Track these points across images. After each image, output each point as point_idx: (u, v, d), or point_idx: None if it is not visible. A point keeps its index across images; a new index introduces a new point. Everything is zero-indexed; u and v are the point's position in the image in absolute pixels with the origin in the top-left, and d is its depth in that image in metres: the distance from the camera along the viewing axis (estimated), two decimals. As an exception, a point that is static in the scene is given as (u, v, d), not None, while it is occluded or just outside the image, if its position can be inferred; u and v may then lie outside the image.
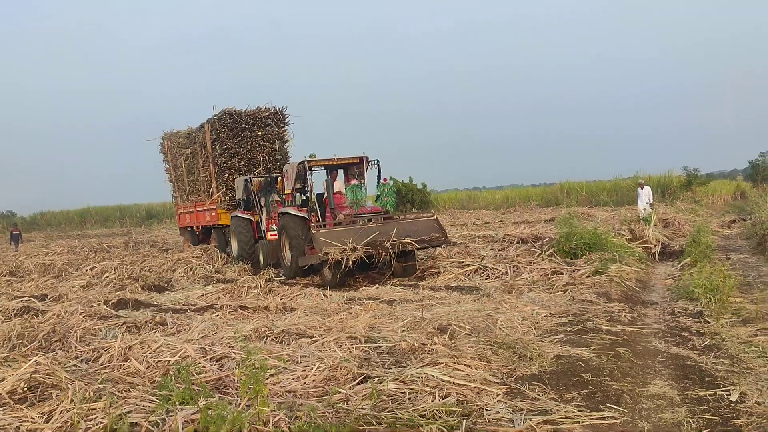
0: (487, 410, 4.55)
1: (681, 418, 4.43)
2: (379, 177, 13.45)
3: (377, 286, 11.30)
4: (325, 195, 13.25)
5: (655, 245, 14.96)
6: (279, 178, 15.13)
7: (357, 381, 5.23)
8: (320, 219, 12.46)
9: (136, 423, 4.52)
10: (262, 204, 15.30)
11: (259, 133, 17.52)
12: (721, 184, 45.27)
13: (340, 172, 14.07)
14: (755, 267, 12.25)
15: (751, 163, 46.92)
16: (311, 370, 5.63)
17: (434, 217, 13.00)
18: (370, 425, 4.17)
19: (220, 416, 4.06)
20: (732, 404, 4.60)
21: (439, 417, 4.32)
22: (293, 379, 5.52)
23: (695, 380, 5.24)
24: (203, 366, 6.02)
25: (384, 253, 11.19)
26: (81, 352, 7.07)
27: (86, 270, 16.73)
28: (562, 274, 10.84)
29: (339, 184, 13.79)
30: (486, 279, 11.52)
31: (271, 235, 14.64)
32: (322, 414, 4.41)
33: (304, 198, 13.34)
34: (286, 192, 13.67)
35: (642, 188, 22.39)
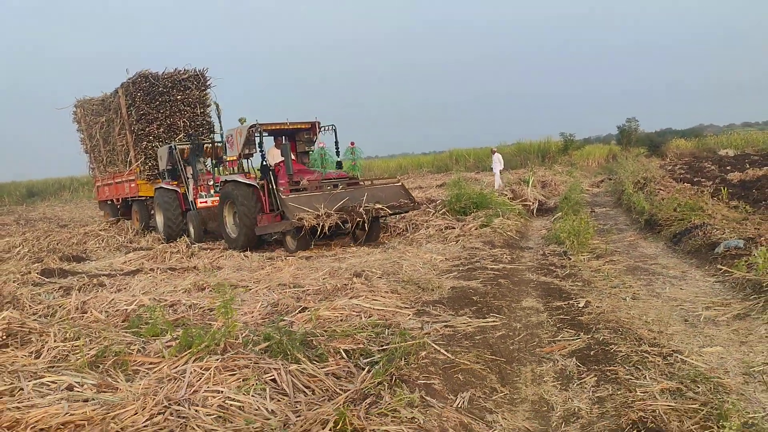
0: (402, 324, 5.93)
1: (543, 319, 6.03)
2: (337, 142, 13.01)
3: (292, 246, 12.45)
4: (273, 162, 12.39)
5: (533, 203, 16.98)
6: (206, 145, 15.08)
7: (297, 311, 6.46)
8: (273, 186, 11.73)
9: (121, 351, 5.54)
10: (189, 174, 14.83)
11: (179, 97, 16.63)
12: (595, 148, 49.26)
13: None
14: (613, 217, 14.48)
15: (619, 128, 51.10)
16: (255, 307, 6.82)
17: (400, 183, 12.76)
18: (315, 337, 5.43)
19: (200, 335, 5.20)
20: (579, 309, 6.24)
21: (367, 328, 5.64)
22: (242, 315, 6.68)
23: (555, 296, 6.89)
24: (158, 311, 7.05)
25: (358, 219, 11.02)
26: (36, 310, 7.83)
27: (-12, 247, 16.65)
28: (454, 228, 12.44)
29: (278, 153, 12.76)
30: (388, 235, 12.97)
31: (201, 202, 14.32)
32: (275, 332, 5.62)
33: (263, 164, 12.20)
34: (229, 158, 13.11)
35: (494, 154, 24.57)
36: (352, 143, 12.90)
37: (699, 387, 3.97)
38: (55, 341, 5.96)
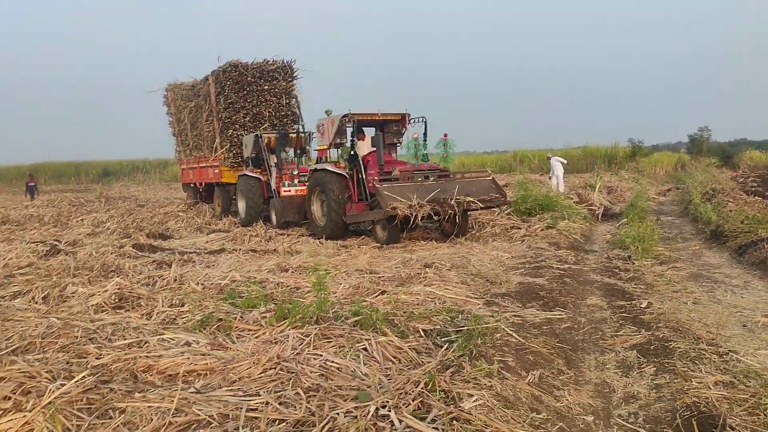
0: (473, 311, 6.45)
1: (606, 316, 6.46)
2: (426, 134, 12.93)
3: (363, 236, 13.10)
4: (362, 152, 12.71)
5: (599, 208, 17.18)
6: (292, 135, 15.61)
7: (376, 294, 7.06)
8: (363, 176, 12.16)
9: (221, 318, 6.23)
10: (273, 162, 15.33)
11: (266, 87, 17.06)
12: (664, 156, 48.35)
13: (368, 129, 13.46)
14: (679, 226, 14.58)
15: (690, 137, 50.00)
16: (338, 288, 7.45)
17: (490, 177, 12.75)
18: (396, 317, 6.01)
19: (295, 308, 5.86)
20: (641, 309, 6.63)
21: (442, 313, 6.18)
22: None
23: (619, 296, 7.29)
24: (250, 286, 7.77)
25: (450, 211, 11.11)
26: (139, 279, 8.67)
27: (77, 221, 17.81)
28: (520, 228, 12.84)
29: (365, 143, 13.21)
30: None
31: (284, 191, 14.66)
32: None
33: (352, 153, 12.58)
34: (319, 147, 13.41)
35: (550, 159, 24.49)
36: (446, 135, 12.95)
37: (750, 381, 4.36)
38: (163, 306, 6.75)
